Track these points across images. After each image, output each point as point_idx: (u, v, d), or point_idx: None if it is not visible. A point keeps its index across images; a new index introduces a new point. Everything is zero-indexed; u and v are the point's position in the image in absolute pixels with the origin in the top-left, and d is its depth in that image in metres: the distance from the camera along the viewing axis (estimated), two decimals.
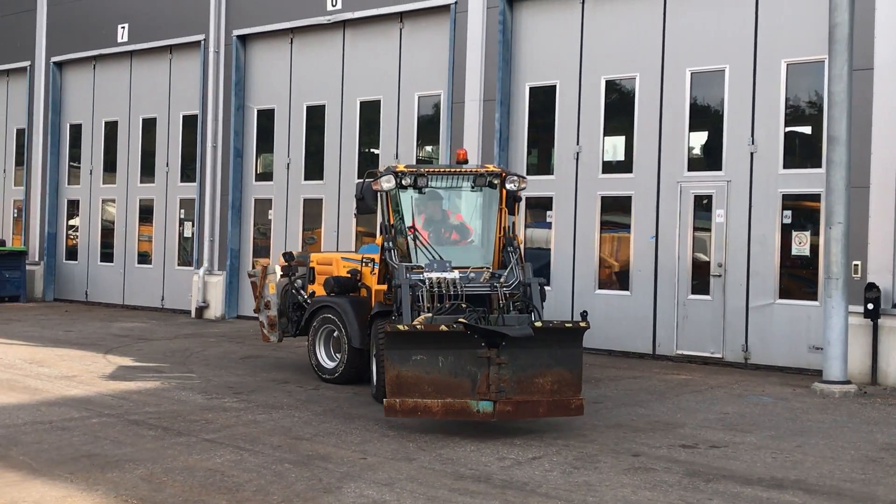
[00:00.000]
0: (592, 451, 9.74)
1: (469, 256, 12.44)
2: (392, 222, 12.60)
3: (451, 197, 13.32)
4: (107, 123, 26.26)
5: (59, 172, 27.41)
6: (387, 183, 12.30)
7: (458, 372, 10.00)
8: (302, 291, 14.67)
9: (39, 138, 27.35)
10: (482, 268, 11.99)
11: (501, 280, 11.63)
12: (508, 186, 12.36)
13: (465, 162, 13.15)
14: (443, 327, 10.11)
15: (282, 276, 14.93)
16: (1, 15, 28.68)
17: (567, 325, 10.53)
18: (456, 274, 11.52)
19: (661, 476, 8.81)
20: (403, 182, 12.41)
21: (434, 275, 11.47)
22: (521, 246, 12.67)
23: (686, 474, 8.90)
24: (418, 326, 10.29)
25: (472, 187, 12.85)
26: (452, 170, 13.00)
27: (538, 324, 10.31)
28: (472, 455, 9.45)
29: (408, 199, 12.58)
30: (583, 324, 10.34)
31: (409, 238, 12.38)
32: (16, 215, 28.73)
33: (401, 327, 10.20)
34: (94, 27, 25.96)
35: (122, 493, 7.93)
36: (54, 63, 27.16)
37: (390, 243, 12.38)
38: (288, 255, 15.20)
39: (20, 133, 28.49)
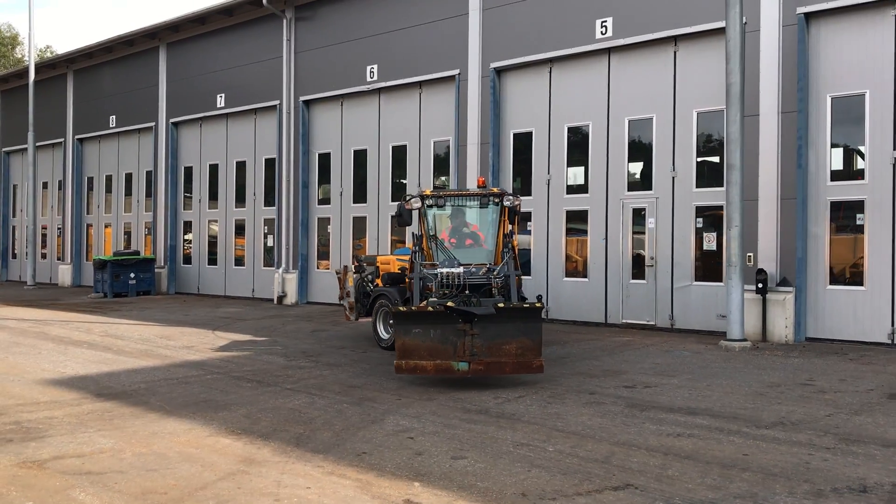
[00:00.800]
0: (560, 392, 9.90)
1: (478, 256, 12.30)
2: (422, 232, 12.55)
3: (468, 212, 13.13)
4: (210, 166, 26.33)
5: (177, 201, 27.57)
6: (416, 203, 12.35)
7: (444, 341, 9.96)
8: (370, 284, 14.56)
9: (163, 177, 27.53)
10: (483, 264, 11.88)
11: (495, 273, 11.55)
12: (506, 203, 12.27)
13: (484, 187, 13.02)
14: (430, 308, 10.18)
15: (355, 273, 14.96)
16: (135, 89, 28.86)
17: (526, 305, 10.23)
18: (461, 269, 11.47)
19: (609, 408, 8.98)
20: (427, 202, 12.48)
21: (444, 270, 11.47)
22: (517, 247, 12.51)
23: (627, 405, 9.07)
24: (413, 308, 10.35)
25: (481, 205, 12.77)
26: (463, 192, 13.01)
27: (501, 305, 10.13)
28: (476, 397, 9.60)
29: (432, 214, 12.59)
30: (538, 304, 10.13)
31: (433, 243, 12.36)
32: (147, 233, 28.94)
33: (402, 308, 10.28)
34: (200, 96, 26.08)
35: (229, 425, 8.16)
36: (172, 123, 27.31)
37: (417, 248, 12.31)
38: (358, 258, 15.42)
39: (149, 174, 28.65)
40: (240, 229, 25.28)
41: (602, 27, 16.73)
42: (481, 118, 18.62)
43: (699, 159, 15.83)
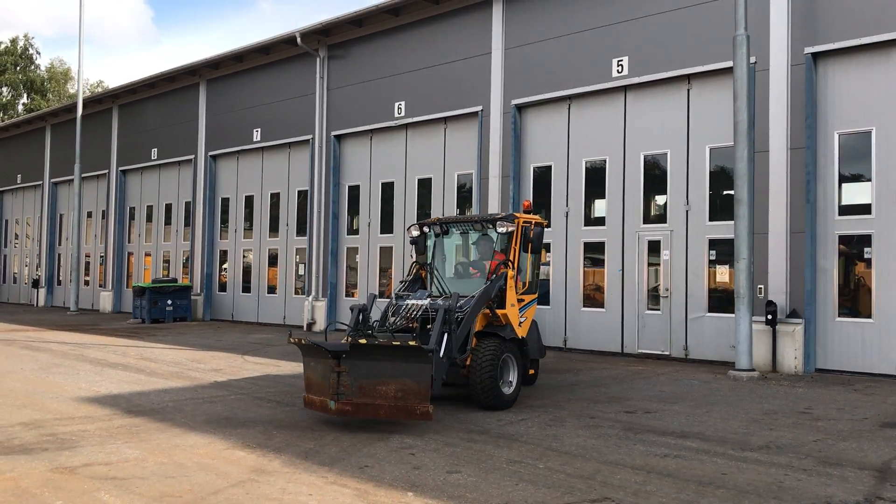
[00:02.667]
0: (562, 416, 10.32)
1: (473, 286, 11.39)
2: (422, 261, 12.17)
3: (465, 240, 12.47)
4: (246, 197, 27.23)
5: (214, 230, 28.50)
6: (414, 231, 12.13)
7: (324, 376, 9.29)
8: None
9: (201, 207, 28.53)
10: (451, 295, 10.77)
11: (459, 306, 10.34)
12: (499, 230, 11.40)
13: (530, 210, 12.47)
14: (301, 341, 9.46)
15: None
16: (176, 123, 30.03)
17: (411, 343, 9.07)
18: (426, 301, 10.69)
19: (605, 430, 9.39)
20: (424, 230, 12.20)
21: (411, 301, 10.80)
22: (517, 274, 11.69)
23: (623, 429, 9.47)
24: (303, 341, 9.49)
25: (479, 231, 12.14)
26: (459, 218, 12.51)
27: (362, 340, 9.40)
28: (480, 418, 10.04)
29: (431, 243, 12.30)
30: (424, 346, 9.20)
31: (428, 271, 11.90)
32: (184, 261, 29.90)
33: (295, 340, 9.51)
34: (238, 130, 27.08)
35: (245, 440, 8.75)
36: (210, 156, 28.36)
37: (409, 276, 11.91)
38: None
39: (188, 204, 29.66)
40: (273, 258, 26.06)
41: (618, 66, 17.30)
42: (503, 152, 19.23)
43: (711, 193, 16.22)
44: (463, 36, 20.27)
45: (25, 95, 64.50)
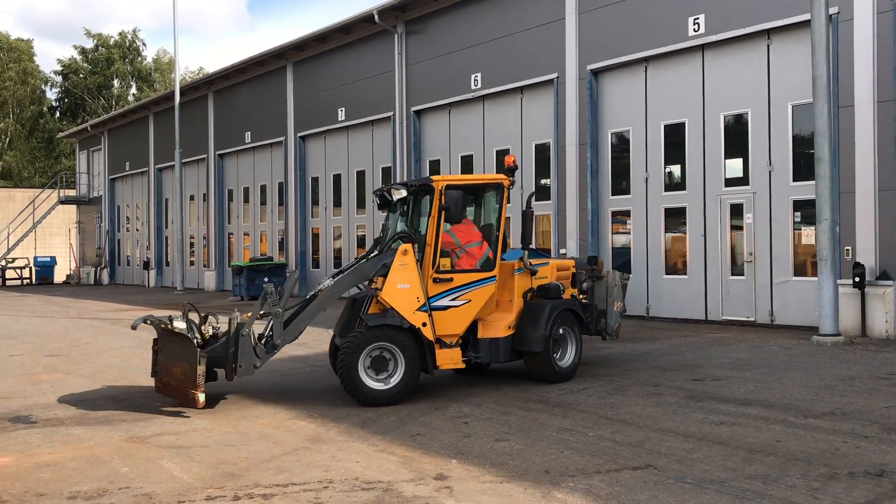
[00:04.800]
0: (625, 384, 10.22)
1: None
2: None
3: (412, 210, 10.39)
4: (334, 175, 27.90)
5: (306, 209, 29.29)
6: (400, 193, 9.91)
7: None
8: None
9: (292, 187, 29.37)
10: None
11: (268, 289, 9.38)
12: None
13: (512, 168, 10.38)
14: (148, 322, 9.47)
15: None
16: (267, 106, 30.92)
17: (177, 329, 8.98)
18: (329, 281, 9.75)
19: (667, 398, 9.27)
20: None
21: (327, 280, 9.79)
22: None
23: (685, 397, 9.32)
24: (148, 322, 9.51)
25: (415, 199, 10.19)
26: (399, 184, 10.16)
27: (148, 323, 9.31)
28: (541, 389, 10.04)
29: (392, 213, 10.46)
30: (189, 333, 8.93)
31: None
32: (279, 240, 30.92)
33: (150, 322, 9.50)
34: (324, 110, 27.63)
35: (309, 410, 9.05)
36: (299, 137, 29.12)
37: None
38: None
39: (280, 185, 30.60)
40: (361, 235, 26.61)
41: (695, 24, 16.74)
42: (579, 119, 18.98)
43: (795, 152, 15.56)
44: (537, 2, 20.00)
45: (134, 86, 67.76)
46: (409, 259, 9.42)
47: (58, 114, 67.64)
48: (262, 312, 9.46)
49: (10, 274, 42.58)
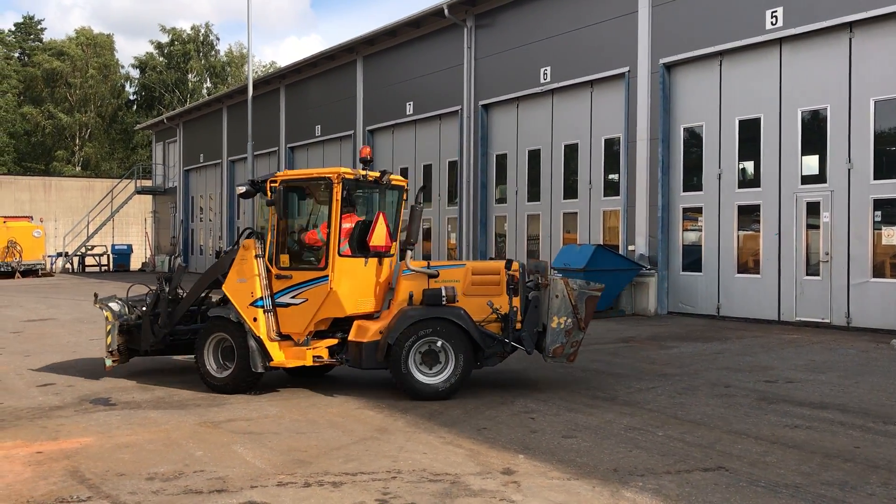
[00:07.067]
0: (697, 384, 10.05)
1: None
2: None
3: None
4: (401, 169, 27.83)
5: None
6: (239, 190, 9.94)
7: None
8: None
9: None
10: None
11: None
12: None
13: (367, 160, 9.88)
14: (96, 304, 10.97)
15: None
16: (337, 100, 31.23)
17: (101, 306, 10.63)
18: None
19: (738, 399, 9.07)
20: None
21: None
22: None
23: (757, 398, 9.11)
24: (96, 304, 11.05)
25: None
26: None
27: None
28: (611, 385, 9.97)
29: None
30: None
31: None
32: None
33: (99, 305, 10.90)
34: (392, 104, 27.75)
35: (377, 400, 9.12)
36: (368, 130, 29.31)
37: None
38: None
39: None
40: (426, 228, 26.64)
41: (772, 17, 16.28)
42: (650, 114, 18.67)
43: (876, 148, 15.01)
44: None
45: (208, 80, 69.35)
46: (248, 254, 9.60)
47: (135, 107, 69.68)
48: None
49: (89, 261, 44.09)
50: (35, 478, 6.29)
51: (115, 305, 10.66)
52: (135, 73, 69.19)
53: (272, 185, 9.57)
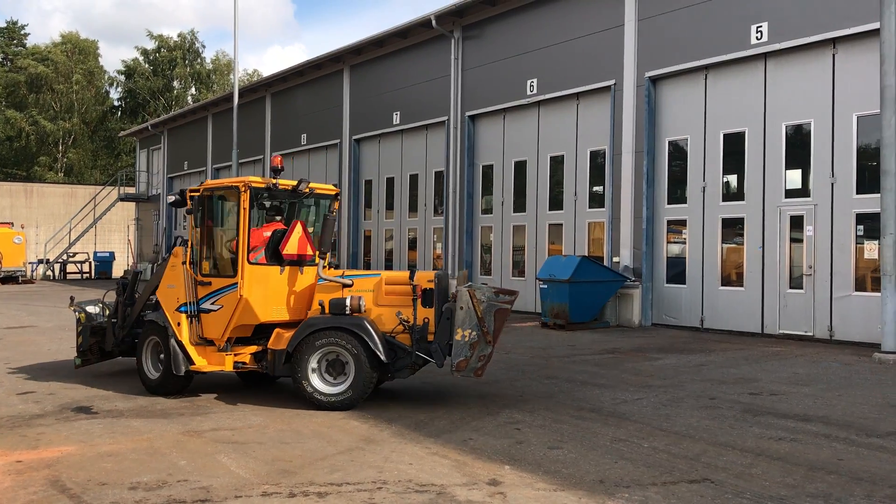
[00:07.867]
0: (681, 395, 10.08)
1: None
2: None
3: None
4: (387, 179, 27.88)
5: (359, 211, 29.45)
6: (170, 199, 10.42)
7: None
8: None
9: (346, 190, 29.59)
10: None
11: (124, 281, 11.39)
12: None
13: (278, 169, 9.75)
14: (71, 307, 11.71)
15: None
16: (323, 109, 31.24)
17: (75, 308, 11.36)
18: None
19: (723, 412, 9.11)
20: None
21: None
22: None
23: (741, 410, 9.14)
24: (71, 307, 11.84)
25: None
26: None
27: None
28: (596, 396, 9.99)
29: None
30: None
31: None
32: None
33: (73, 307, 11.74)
34: (379, 114, 27.71)
35: (363, 410, 9.07)
36: (354, 140, 29.29)
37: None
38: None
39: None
40: (412, 238, 26.71)
41: (757, 32, 16.44)
42: (636, 127, 18.78)
43: (859, 164, 15.16)
44: (595, 8, 19.88)
45: (193, 87, 69.13)
46: (177, 261, 9.96)
47: (119, 114, 69.31)
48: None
49: (70, 268, 43.71)
50: (15, 487, 6.21)
51: (91, 308, 11.36)
52: (121, 79, 68.81)
53: (192, 194, 9.83)
